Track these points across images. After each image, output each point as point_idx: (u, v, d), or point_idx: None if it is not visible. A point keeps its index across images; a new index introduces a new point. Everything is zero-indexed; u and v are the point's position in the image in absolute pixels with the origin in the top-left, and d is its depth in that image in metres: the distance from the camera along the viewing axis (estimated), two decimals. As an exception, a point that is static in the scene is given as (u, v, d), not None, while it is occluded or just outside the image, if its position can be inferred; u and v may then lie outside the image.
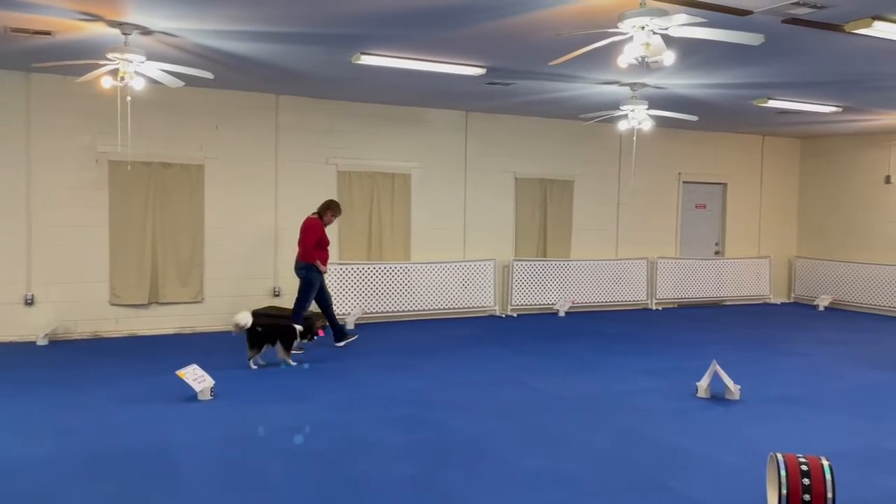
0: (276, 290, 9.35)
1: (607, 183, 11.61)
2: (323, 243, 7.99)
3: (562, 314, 10.94)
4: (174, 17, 5.58)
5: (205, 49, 6.57)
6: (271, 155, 9.29)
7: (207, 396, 5.89)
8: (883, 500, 4.11)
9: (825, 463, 3.68)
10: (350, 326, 9.37)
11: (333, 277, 9.50)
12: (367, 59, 6.73)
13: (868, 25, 5.11)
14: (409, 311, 10.06)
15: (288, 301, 9.32)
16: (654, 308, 11.88)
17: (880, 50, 6.08)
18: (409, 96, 9.20)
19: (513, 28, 5.68)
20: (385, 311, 9.89)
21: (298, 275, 8.05)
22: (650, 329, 9.92)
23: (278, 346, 7.13)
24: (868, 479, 4.41)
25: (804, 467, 3.66)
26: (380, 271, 9.82)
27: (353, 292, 9.64)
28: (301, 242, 8.02)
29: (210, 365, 6.88)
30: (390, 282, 9.88)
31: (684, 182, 12.30)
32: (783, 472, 3.65)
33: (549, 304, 11.04)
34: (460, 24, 5.60)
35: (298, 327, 7.29)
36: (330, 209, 8.02)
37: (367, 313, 9.74)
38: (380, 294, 9.82)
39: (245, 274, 9.20)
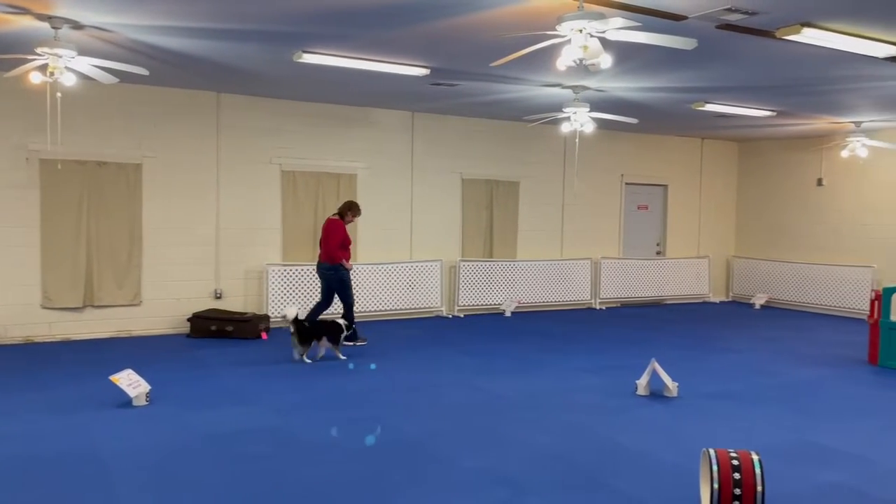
0: (218, 292, 9.16)
1: (552, 184, 11.75)
2: (346, 243, 8.13)
3: (508, 314, 11.02)
4: (106, 12, 5.41)
5: (139, 45, 6.39)
6: (212, 154, 9.10)
7: (143, 402, 5.73)
8: (813, 492, 4.24)
9: (755, 457, 3.78)
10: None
11: (277, 279, 9.36)
12: (309, 58, 6.65)
13: (797, 32, 5.29)
14: (355, 312, 9.95)
15: (230, 304, 9.19)
16: (597, 308, 12.07)
17: (810, 56, 6.29)
18: (355, 96, 9.14)
19: (456, 28, 5.69)
20: (330, 312, 9.75)
21: (325, 276, 8.17)
22: (593, 328, 10.07)
23: (324, 341, 7.46)
24: (799, 472, 4.55)
25: (735, 462, 3.76)
26: (325, 272, 9.70)
27: (297, 294, 9.50)
28: (324, 243, 8.13)
29: (148, 369, 6.73)
30: (335, 283, 9.77)
31: (627, 184, 12.53)
32: (715, 467, 3.74)
33: (495, 304, 11.11)
34: (403, 23, 5.58)
35: (343, 322, 7.66)
36: (350, 210, 8.18)
37: (311, 315, 9.62)
38: (325, 295, 9.70)
39: (185, 276, 8.98)
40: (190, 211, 8.99)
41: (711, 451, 3.83)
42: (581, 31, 4.43)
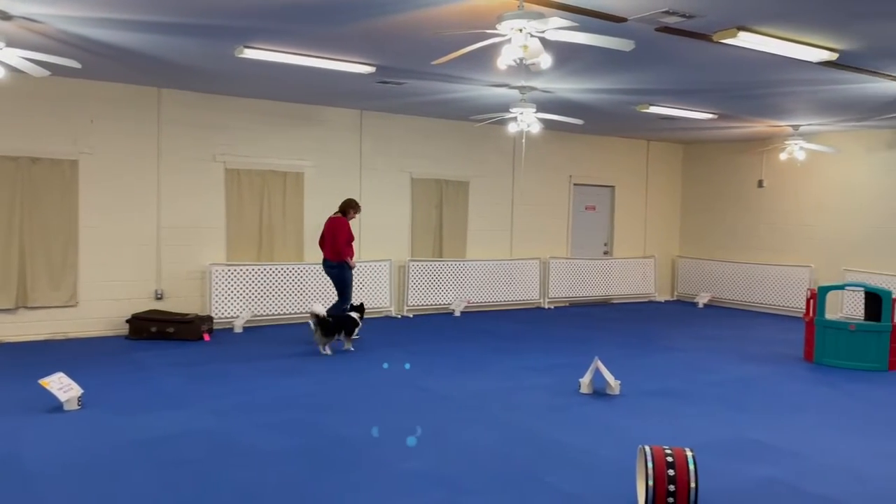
0: (159, 293, 8.92)
1: (502, 184, 11.79)
2: (350, 240, 8.45)
3: (457, 314, 11.02)
4: (37, 2, 5.20)
5: (72, 37, 6.17)
6: (153, 151, 8.86)
7: (74, 406, 5.53)
8: (747, 488, 4.32)
9: (689, 454, 3.83)
10: (238, 330, 9.08)
11: (221, 279, 9.17)
12: (251, 53, 6.52)
13: (734, 36, 5.39)
14: (301, 312, 9.83)
15: (171, 304, 8.97)
16: (546, 307, 12.16)
17: (748, 60, 6.43)
18: (301, 93, 9.01)
19: (399, 26, 5.64)
20: (276, 313, 9.63)
21: (331, 273, 8.51)
22: (542, 327, 10.13)
23: (343, 335, 7.97)
24: (734, 468, 4.63)
25: (670, 459, 3.80)
26: (271, 272, 9.56)
27: (241, 294, 9.33)
28: (330, 242, 8.44)
29: (83, 372, 6.53)
30: (282, 283, 9.64)
31: (575, 184, 12.65)
32: (650, 464, 3.78)
33: (445, 304, 11.09)
34: (346, 20, 5.51)
35: (355, 315, 8.11)
36: (352, 207, 8.52)
37: (257, 315, 9.47)
38: (271, 296, 9.56)
39: (125, 276, 8.72)
40: (129, 209, 8.73)
41: (647, 448, 3.87)
42: (521, 30, 4.43)
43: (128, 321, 8.47)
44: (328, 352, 7.78)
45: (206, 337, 8.52)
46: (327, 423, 5.36)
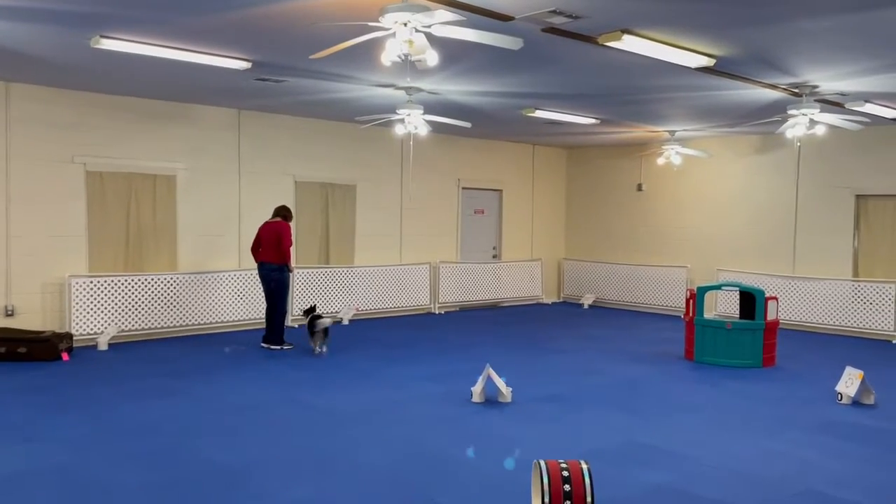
0: (9, 309, 8.01)
1: (390, 188, 11.52)
2: (290, 244, 8.56)
3: (346, 322, 10.64)
4: None
5: None
6: (1, 152, 7.96)
7: None
8: (640, 496, 4.26)
9: (584, 467, 3.70)
10: (103, 347, 8.30)
11: (82, 292, 8.36)
12: (108, 44, 5.91)
13: (618, 39, 5.38)
14: (176, 326, 9.14)
15: (24, 321, 8.09)
16: (437, 312, 11.99)
17: (630, 64, 6.49)
18: (171, 90, 8.37)
19: (277, 17, 5.25)
20: (148, 327, 8.90)
21: (271, 277, 8.47)
22: (433, 334, 9.93)
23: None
24: (626, 475, 4.57)
25: (565, 473, 3.66)
26: (140, 283, 8.82)
27: (106, 308, 8.54)
28: (274, 244, 8.38)
29: None
30: (154, 295, 8.91)
31: (464, 188, 12.58)
32: (545, 480, 3.62)
33: (332, 312, 10.68)
34: (216, 8, 5.07)
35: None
36: (290, 212, 8.68)
37: (124, 331, 8.70)
38: (141, 309, 8.81)
39: (-33, 291, 7.78)
40: (-28, 216, 7.80)
41: (542, 463, 3.71)
42: (406, 24, 4.19)
43: (-29, 342, 7.54)
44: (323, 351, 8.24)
45: (65, 356, 7.72)
46: (201, 450, 4.88)
